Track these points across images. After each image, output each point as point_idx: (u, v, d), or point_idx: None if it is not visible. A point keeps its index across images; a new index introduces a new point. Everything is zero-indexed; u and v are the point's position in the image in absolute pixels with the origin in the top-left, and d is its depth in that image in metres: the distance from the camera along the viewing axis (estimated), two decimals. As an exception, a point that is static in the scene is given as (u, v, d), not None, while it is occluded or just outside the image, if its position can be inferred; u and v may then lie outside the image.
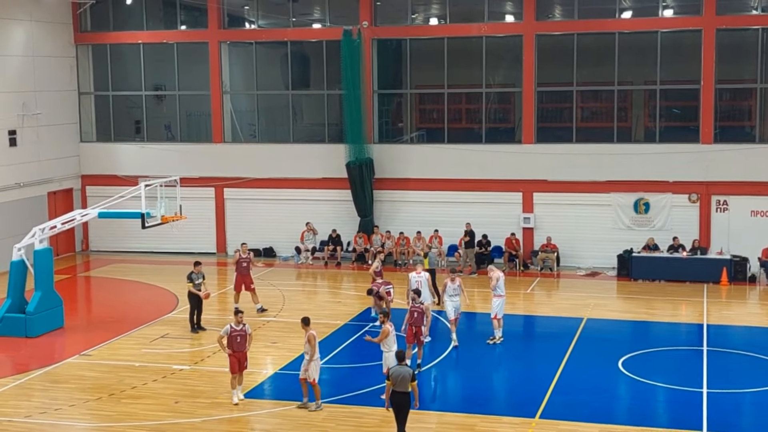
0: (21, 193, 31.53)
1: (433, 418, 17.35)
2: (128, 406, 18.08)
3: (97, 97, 34.88)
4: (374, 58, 32.00)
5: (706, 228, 29.53)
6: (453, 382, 19.77)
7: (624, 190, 30.02)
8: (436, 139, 32.39)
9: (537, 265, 30.25)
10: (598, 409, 17.63)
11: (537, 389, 18.78)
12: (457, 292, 21.75)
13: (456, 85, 32.25)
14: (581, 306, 25.58)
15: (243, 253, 25.00)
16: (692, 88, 29.99)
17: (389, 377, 15.63)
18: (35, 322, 22.99)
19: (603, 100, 31.78)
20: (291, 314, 24.72)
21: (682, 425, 16.75)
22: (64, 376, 20.07)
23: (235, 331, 17.99)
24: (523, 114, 30.98)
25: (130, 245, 33.60)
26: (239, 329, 18.05)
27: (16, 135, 31.38)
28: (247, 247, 25.51)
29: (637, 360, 20.69)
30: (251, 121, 34.51)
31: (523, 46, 30.55)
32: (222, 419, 17.28)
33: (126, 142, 34.56)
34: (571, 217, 30.53)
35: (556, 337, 22.59)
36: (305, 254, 31.88)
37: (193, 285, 23.04)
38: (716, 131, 29.61)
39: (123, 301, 27.31)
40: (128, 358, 21.08)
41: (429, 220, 30.78)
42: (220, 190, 33.24)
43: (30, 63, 31.99)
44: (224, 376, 19.71)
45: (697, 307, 25.58)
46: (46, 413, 17.76)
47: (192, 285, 23.04)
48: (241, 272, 24.75)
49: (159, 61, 34.42)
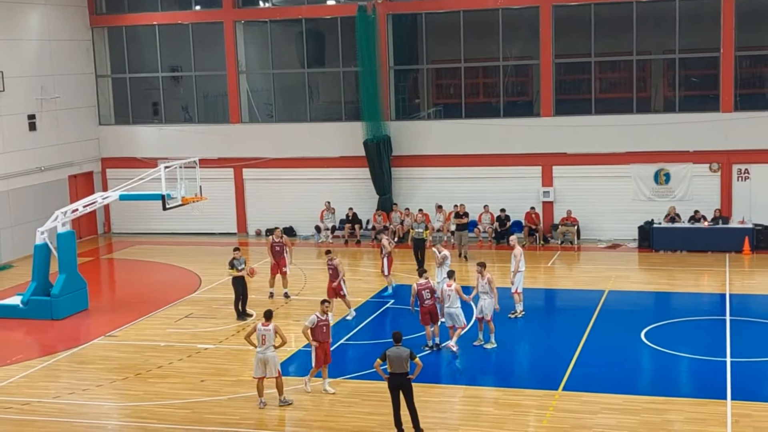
0: (42, 177, 31.75)
1: (457, 392, 17.44)
2: (155, 385, 18.28)
3: (114, 80, 34.99)
4: (389, 34, 31.89)
5: (728, 197, 29.36)
6: (476, 356, 19.80)
7: (644, 161, 29.87)
8: (454, 115, 32.30)
9: (557, 238, 30.20)
10: (621, 381, 17.65)
11: (560, 362, 18.82)
12: (485, 289, 19.85)
13: (472, 59, 32.10)
14: (602, 278, 25.54)
15: (276, 237, 24.74)
16: (711, 56, 29.73)
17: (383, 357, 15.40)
18: (60, 304, 23.23)
19: (621, 71, 31.55)
20: (313, 292, 24.83)
21: (706, 395, 16.76)
22: (91, 357, 20.30)
23: (321, 321, 17.27)
24: (541, 87, 30.83)
25: (152, 227, 33.81)
26: (325, 319, 17.34)
27: (36, 119, 31.55)
28: (280, 231, 25.09)
29: (660, 331, 20.68)
30: (268, 100, 34.53)
31: (540, 18, 30.36)
32: (248, 397, 17.43)
33: (144, 124, 34.69)
34: (591, 189, 30.42)
35: (578, 310, 22.59)
36: (325, 233, 31.96)
37: (236, 271, 22.35)
38: (736, 99, 29.36)
39: (146, 282, 27.52)
40: (153, 338, 21.28)
41: (448, 197, 30.72)
42: (239, 170, 33.33)
43: (47, 47, 32.11)
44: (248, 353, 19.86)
45: (720, 277, 25.49)
46: (74, 393, 17.99)
47: (235, 271, 22.34)
48: (275, 256, 24.69)
49: (174, 42, 34.47)
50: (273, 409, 17.04)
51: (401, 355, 15.36)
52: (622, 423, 15.67)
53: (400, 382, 15.37)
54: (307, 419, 16.35)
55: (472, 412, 16.44)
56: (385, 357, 15.43)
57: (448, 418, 16.26)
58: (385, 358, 15.44)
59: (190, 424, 16.26)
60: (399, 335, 15.85)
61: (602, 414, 16.07)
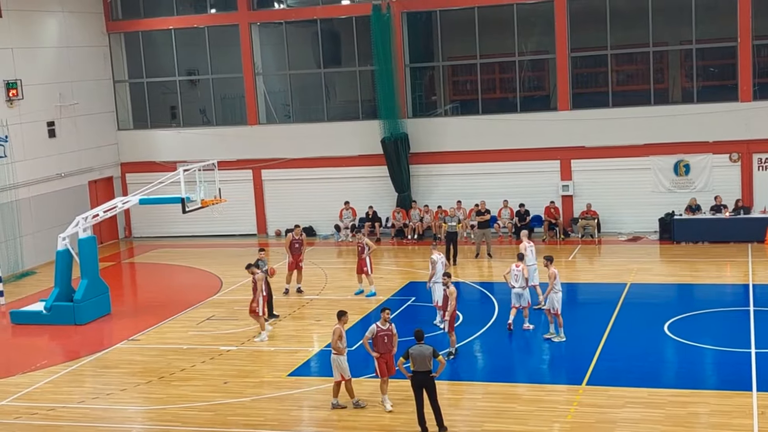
0: (63, 183, 31.96)
1: (479, 388, 17.40)
2: (178, 388, 18.35)
3: (132, 85, 35.16)
4: (404, 32, 31.88)
5: (749, 187, 29.14)
6: (498, 352, 19.77)
7: (663, 152, 29.69)
8: (471, 111, 32.24)
9: (578, 232, 30.09)
10: (646, 374, 17.55)
11: (583, 356, 18.74)
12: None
13: (488, 55, 32.03)
14: (624, 271, 25.42)
15: (296, 234, 24.93)
16: (729, 46, 29.51)
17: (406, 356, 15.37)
18: (83, 309, 23.37)
19: (638, 63, 31.38)
20: (334, 291, 24.91)
21: (732, 386, 16.65)
22: (114, 361, 20.41)
23: (381, 331, 16.32)
24: (558, 80, 30.71)
25: (172, 230, 33.97)
26: (386, 329, 16.38)
27: (55, 126, 31.75)
28: (300, 229, 25.34)
29: (683, 323, 20.56)
30: (285, 101, 34.60)
31: (555, 11, 30.24)
32: (271, 398, 17.47)
33: (162, 128, 34.83)
34: (611, 182, 30.29)
35: (600, 304, 22.50)
36: (345, 232, 31.99)
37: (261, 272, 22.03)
38: (755, 88, 29.12)
39: (168, 286, 27.65)
40: (176, 341, 21.37)
41: (467, 193, 30.67)
42: (258, 171, 33.42)
43: (64, 54, 32.31)
44: (270, 354, 19.98)
45: (742, 267, 25.31)
46: (99, 398, 18.09)
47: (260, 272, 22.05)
48: (294, 253, 24.80)
49: (191, 46, 34.60)
50: (296, 410, 17.09)
51: (424, 353, 15.34)
52: (647, 416, 15.59)
53: (423, 381, 15.36)
54: (330, 419, 16.36)
55: (496, 408, 16.41)
56: (408, 355, 15.42)
57: (471, 416, 16.23)
58: (408, 356, 15.43)
59: (214, 427, 16.32)
60: (421, 333, 15.82)
61: (627, 408, 15.99)
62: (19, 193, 29.98)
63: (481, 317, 21.68)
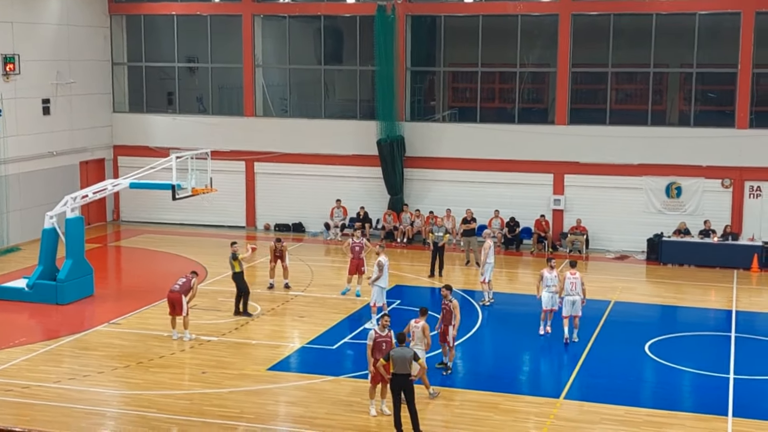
0: (54, 161, 31.81)
1: (458, 395, 17.39)
2: (156, 374, 18.28)
3: (130, 68, 35.03)
4: (408, 35, 31.87)
5: (738, 214, 29.23)
6: (478, 361, 19.77)
7: (656, 173, 29.76)
8: (469, 118, 32.24)
9: (566, 247, 30.11)
10: (624, 392, 17.58)
11: (563, 370, 18.79)
12: (555, 282, 20.84)
13: (489, 64, 32.06)
14: (609, 289, 25.45)
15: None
16: (729, 72, 29.60)
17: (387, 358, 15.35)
18: (66, 289, 23.26)
19: (638, 82, 31.44)
20: (319, 289, 24.86)
21: (708, 410, 16.68)
22: (93, 343, 20.32)
23: (380, 338, 16.07)
24: (557, 95, 30.76)
25: (161, 216, 33.85)
26: (384, 335, 16.11)
27: (50, 104, 31.61)
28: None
29: (664, 344, 20.60)
30: (283, 95, 34.54)
31: (559, 26, 30.29)
32: (249, 391, 17.42)
33: (158, 114, 34.72)
34: (602, 199, 30.33)
35: (584, 319, 22.37)
36: (334, 230, 31.95)
37: (238, 264, 22.04)
38: (752, 116, 29.22)
39: (153, 272, 27.54)
40: (157, 328, 21.28)
41: (459, 200, 30.67)
42: (251, 164, 33.34)
43: (64, 32, 32.17)
44: (251, 347, 19.93)
45: (727, 293, 25.38)
46: (75, 379, 18.01)
47: (238, 264, 22.04)
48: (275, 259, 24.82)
49: (192, 33, 34.51)
50: (273, 404, 17.04)
51: (405, 356, 15.33)
52: (622, 435, 15.61)
53: (402, 383, 15.33)
54: (307, 416, 16.32)
55: (473, 416, 16.39)
56: (389, 357, 15.39)
57: (448, 422, 16.21)
58: (389, 358, 15.40)
59: (189, 415, 16.26)
60: (403, 336, 15.83)
61: (603, 424, 16.00)
62: (8, 168, 29.82)
63: (464, 324, 21.60)
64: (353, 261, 24.14)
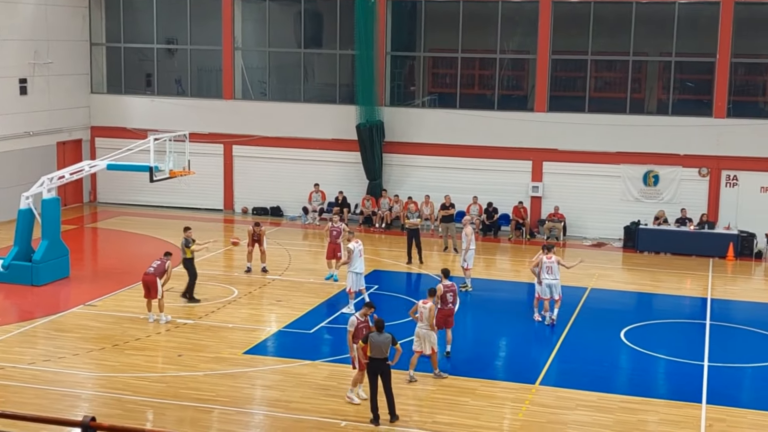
0: (31, 141, 31.53)
1: (434, 380, 17.42)
2: (131, 357, 18.21)
3: (109, 49, 34.74)
4: (388, 19, 31.77)
5: (715, 202, 29.45)
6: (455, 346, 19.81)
7: (634, 161, 29.90)
8: (448, 104, 32.23)
9: (543, 234, 30.21)
10: (598, 378, 17.69)
11: (538, 356, 18.86)
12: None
13: (470, 50, 32.05)
14: (586, 276, 25.54)
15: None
16: (707, 62, 29.75)
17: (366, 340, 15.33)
18: (41, 270, 23.09)
19: (617, 71, 31.55)
20: (297, 273, 24.82)
21: (682, 397, 16.81)
22: (69, 325, 20.20)
23: (362, 324, 16.03)
24: (537, 82, 30.79)
25: (138, 198, 33.65)
26: (365, 321, 16.10)
27: (27, 84, 31.31)
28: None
29: (639, 331, 20.73)
30: (262, 78, 34.37)
31: (539, 13, 30.29)
32: (224, 374, 17.38)
33: (136, 95, 34.48)
34: (580, 187, 30.45)
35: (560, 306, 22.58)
36: (312, 215, 31.89)
37: (190, 251, 21.87)
38: (729, 106, 29.40)
39: (129, 254, 27.39)
40: (133, 310, 21.18)
41: (438, 186, 30.68)
42: (229, 146, 33.19)
43: (42, 11, 31.83)
44: (227, 331, 19.87)
45: (702, 281, 25.57)
46: (50, 361, 17.90)
47: (189, 251, 21.86)
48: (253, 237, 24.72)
49: (171, 14, 34.24)
50: (249, 388, 17.02)
51: (384, 341, 15.33)
52: (596, 420, 15.71)
53: (379, 367, 15.35)
54: (282, 399, 16.31)
55: (449, 401, 16.44)
56: (367, 340, 15.40)
57: (424, 406, 16.25)
58: (367, 340, 15.41)
59: (164, 398, 16.20)
60: (382, 323, 15.72)
61: (578, 410, 16.10)
62: (-16, 148, 29.57)
63: (441, 310, 21.66)
64: (330, 245, 24.11)
